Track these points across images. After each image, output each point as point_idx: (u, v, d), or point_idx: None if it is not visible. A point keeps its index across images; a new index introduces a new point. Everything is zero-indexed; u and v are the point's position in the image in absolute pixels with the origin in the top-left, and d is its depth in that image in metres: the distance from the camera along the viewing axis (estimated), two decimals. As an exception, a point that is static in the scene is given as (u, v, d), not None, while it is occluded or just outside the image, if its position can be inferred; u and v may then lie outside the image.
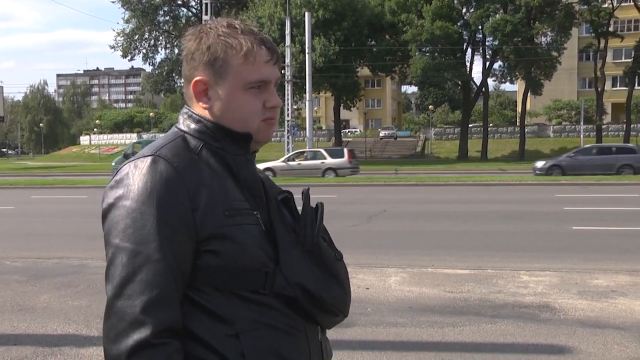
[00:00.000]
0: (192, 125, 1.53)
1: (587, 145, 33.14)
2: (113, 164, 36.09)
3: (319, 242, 1.55)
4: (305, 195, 1.60)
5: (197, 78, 1.52)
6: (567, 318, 6.05)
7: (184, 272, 1.40)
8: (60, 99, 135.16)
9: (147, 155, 1.45)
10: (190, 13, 61.06)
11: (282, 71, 45.05)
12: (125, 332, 1.33)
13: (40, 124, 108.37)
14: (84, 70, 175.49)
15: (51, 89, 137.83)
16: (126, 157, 34.50)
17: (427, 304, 6.64)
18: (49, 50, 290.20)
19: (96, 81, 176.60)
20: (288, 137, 41.01)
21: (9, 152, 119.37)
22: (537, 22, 49.37)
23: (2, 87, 55.42)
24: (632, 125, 55.49)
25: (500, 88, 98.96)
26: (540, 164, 29.71)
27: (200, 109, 1.54)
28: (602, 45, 52.65)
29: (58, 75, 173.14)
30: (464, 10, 52.73)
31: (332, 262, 1.57)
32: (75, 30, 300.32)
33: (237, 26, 1.52)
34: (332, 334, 5.35)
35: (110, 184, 1.45)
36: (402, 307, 6.54)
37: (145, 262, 1.36)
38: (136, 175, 1.42)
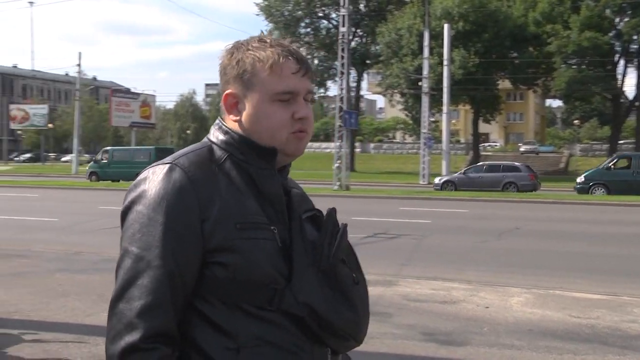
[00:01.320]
0: (220, 137, 1.55)
1: (479, 163, 34.64)
2: (87, 168, 39.22)
3: (336, 263, 1.50)
4: (328, 215, 1.57)
5: (228, 91, 1.55)
6: None
7: (186, 281, 1.41)
8: (207, 107, 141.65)
9: (166, 163, 1.47)
10: (330, 25, 62.07)
11: (419, 83, 44.74)
12: (120, 333, 1.36)
13: (188, 131, 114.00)
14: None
15: (199, 97, 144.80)
16: (96, 162, 38.33)
17: (549, 327, 6.32)
18: (199, 61, 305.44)
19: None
20: (424, 150, 40.60)
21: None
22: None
23: (155, 96, 59.14)
24: None
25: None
26: (437, 179, 32.19)
27: (231, 121, 1.56)
28: None
29: (206, 85, 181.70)
30: (617, 19, 49.93)
31: (348, 285, 1.51)
32: (223, 42, 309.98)
33: (267, 40, 1.54)
34: (443, 352, 5.19)
35: (130, 187, 1.49)
36: (521, 329, 6.26)
37: (147, 267, 1.38)
38: (152, 181, 1.45)
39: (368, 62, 61.92)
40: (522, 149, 68.42)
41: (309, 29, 62.61)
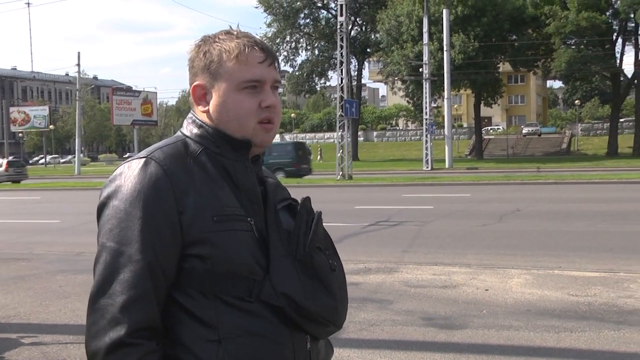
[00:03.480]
0: (194, 130, 1.56)
1: None
2: None
3: (312, 251, 1.52)
4: (302, 204, 1.58)
5: (196, 83, 1.56)
6: None
7: (167, 274, 1.42)
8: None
9: (141, 157, 1.48)
10: (330, 15, 61.83)
11: (420, 69, 44.54)
12: (104, 329, 1.37)
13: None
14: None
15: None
16: None
17: (547, 307, 6.34)
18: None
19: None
20: (426, 136, 40.54)
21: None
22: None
23: (156, 93, 58.78)
24: None
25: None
26: None
27: (201, 114, 1.57)
28: None
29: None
30: (613, -2, 49.63)
31: (325, 273, 1.53)
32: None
33: (234, 33, 1.56)
34: (442, 336, 5.22)
35: (105, 182, 1.49)
36: (520, 309, 6.28)
37: (127, 262, 1.39)
38: (127, 175, 1.45)
39: (369, 50, 61.75)
40: (524, 131, 68.28)
41: (308, 20, 62.38)
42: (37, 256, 10.43)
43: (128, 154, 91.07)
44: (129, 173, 1.45)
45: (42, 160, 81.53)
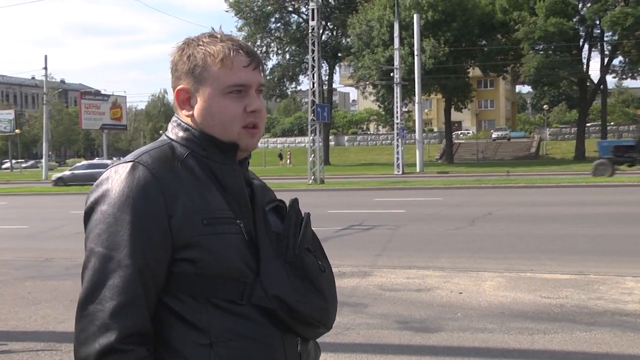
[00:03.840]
0: (180, 134, 1.54)
1: (82, 163, 43.23)
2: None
3: (302, 253, 1.51)
4: (291, 206, 1.57)
5: (180, 87, 1.55)
6: (672, 328, 5.64)
7: (157, 279, 1.40)
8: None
9: (128, 161, 1.45)
10: (300, 19, 61.92)
11: (391, 74, 44.79)
12: (93, 335, 1.34)
13: (160, 131, 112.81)
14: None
15: (171, 96, 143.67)
16: None
17: (520, 309, 6.40)
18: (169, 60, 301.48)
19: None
20: (397, 140, 40.73)
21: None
22: (661, 14, 46.38)
23: (125, 97, 58.23)
24: None
25: (623, 85, 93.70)
26: (53, 177, 38.09)
27: (186, 117, 1.55)
28: None
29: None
30: (579, 5, 50.50)
31: (315, 274, 1.53)
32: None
33: (218, 35, 1.54)
34: (417, 340, 5.22)
35: (92, 188, 1.47)
36: (494, 312, 6.33)
37: (117, 267, 1.36)
38: (115, 180, 1.42)
39: (340, 54, 61.92)
40: (494, 136, 68.95)
41: (279, 24, 62.41)
42: (4, 262, 10.24)
43: (96, 158, 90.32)
44: (116, 177, 1.43)
45: (7, 165, 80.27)
